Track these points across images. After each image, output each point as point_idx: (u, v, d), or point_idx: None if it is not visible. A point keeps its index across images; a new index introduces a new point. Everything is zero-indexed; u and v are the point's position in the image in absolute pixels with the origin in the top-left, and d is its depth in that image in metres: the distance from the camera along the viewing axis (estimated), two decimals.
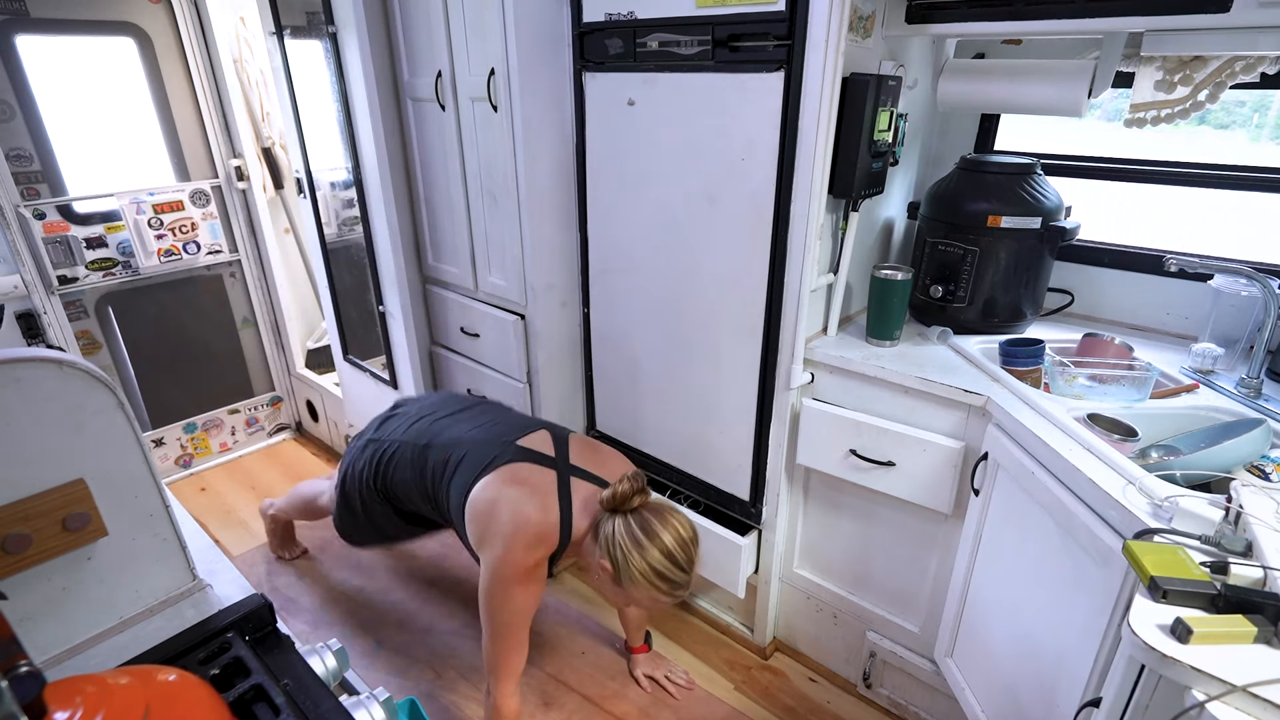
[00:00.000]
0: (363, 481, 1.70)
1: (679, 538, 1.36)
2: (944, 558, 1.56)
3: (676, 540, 1.35)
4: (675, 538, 1.35)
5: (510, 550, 1.41)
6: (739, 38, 1.41)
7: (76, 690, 0.60)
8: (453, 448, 1.56)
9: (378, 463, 1.67)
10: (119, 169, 2.45)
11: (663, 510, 1.38)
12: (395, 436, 1.67)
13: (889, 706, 1.82)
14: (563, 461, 1.50)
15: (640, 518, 1.36)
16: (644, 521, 1.35)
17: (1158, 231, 1.75)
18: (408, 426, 1.68)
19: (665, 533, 1.34)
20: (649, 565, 1.33)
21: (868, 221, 1.70)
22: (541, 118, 1.73)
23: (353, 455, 1.76)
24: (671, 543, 1.34)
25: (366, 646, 2.01)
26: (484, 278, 2.01)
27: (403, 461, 1.63)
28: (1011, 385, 1.38)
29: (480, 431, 1.58)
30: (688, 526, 1.39)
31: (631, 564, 1.33)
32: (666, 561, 1.33)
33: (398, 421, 1.73)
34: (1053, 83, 1.47)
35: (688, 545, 1.37)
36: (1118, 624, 1.02)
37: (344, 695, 0.84)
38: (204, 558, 1.09)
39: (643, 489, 1.39)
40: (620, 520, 1.36)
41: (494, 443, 1.53)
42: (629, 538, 1.34)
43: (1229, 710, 0.69)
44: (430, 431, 1.63)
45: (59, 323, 2.36)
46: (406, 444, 1.64)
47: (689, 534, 1.38)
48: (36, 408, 0.84)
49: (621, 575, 1.35)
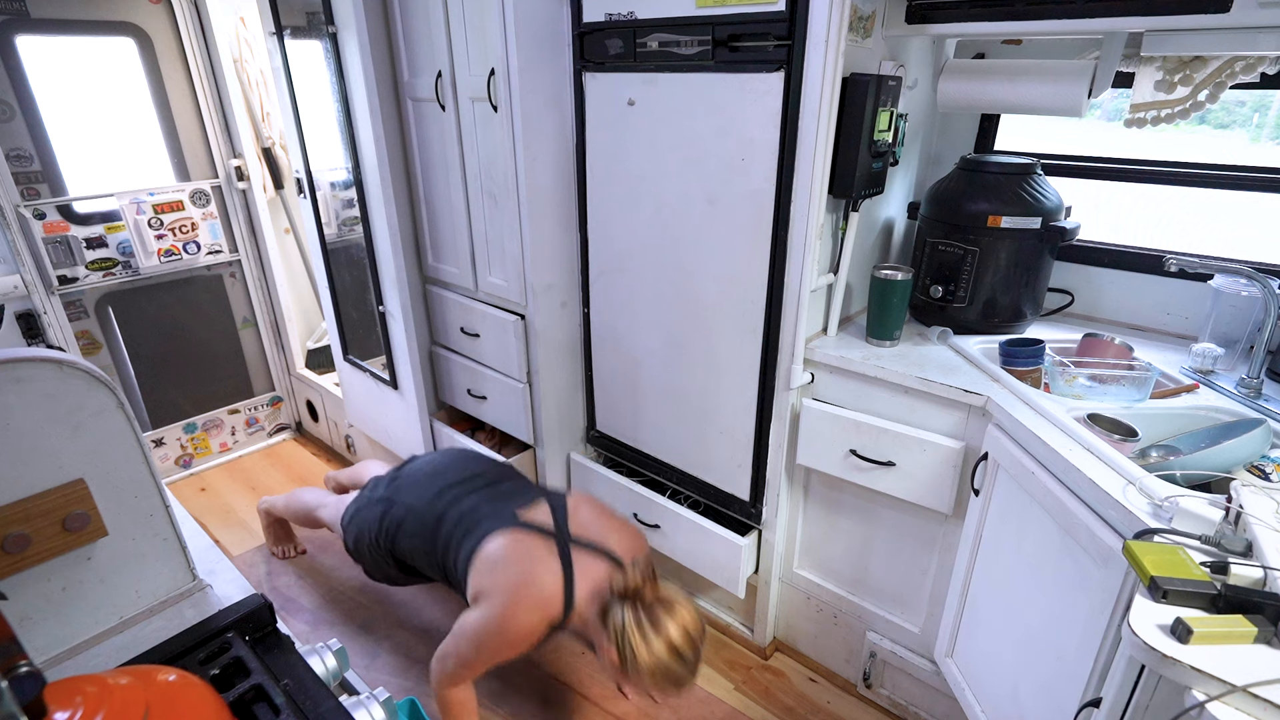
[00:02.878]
0: (371, 539, 1.74)
1: (686, 635, 1.34)
2: (944, 558, 1.56)
3: (683, 637, 1.34)
4: (682, 635, 1.34)
5: (512, 608, 1.41)
6: (739, 38, 1.41)
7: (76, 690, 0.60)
8: (462, 520, 1.60)
9: (388, 526, 1.70)
10: (119, 169, 2.45)
11: (671, 603, 1.37)
12: (407, 501, 1.70)
13: (889, 707, 1.82)
14: (562, 532, 1.52)
15: (650, 612, 1.34)
16: (653, 616, 1.34)
17: (1158, 231, 1.75)
18: (419, 492, 1.71)
19: (673, 628, 1.33)
20: (656, 662, 1.32)
21: (868, 221, 1.70)
22: (541, 118, 1.73)
23: (364, 510, 1.78)
24: (679, 639, 1.33)
25: (366, 646, 2.01)
26: (484, 278, 2.01)
27: (414, 531, 1.66)
28: (1011, 385, 1.38)
29: (487, 505, 1.62)
30: (695, 622, 1.38)
31: (639, 658, 1.32)
32: (673, 660, 1.32)
33: (409, 484, 1.75)
34: (1053, 83, 1.47)
35: (695, 642, 1.36)
36: (1118, 624, 1.02)
37: (344, 695, 0.84)
38: (204, 558, 1.09)
39: (653, 577, 1.38)
40: (629, 611, 1.35)
41: (499, 514, 1.57)
42: (637, 631, 1.33)
43: (1229, 710, 0.69)
44: (441, 503, 1.66)
45: (59, 323, 2.36)
46: (417, 513, 1.67)
47: (696, 630, 1.37)
48: (36, 408, 0.84)
49: (627, 667, 1.34)
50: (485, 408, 2.20)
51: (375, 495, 1.79)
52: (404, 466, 1.85)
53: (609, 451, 2.13)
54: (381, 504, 1.74)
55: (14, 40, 2.16)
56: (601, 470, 2.09)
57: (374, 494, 1.80)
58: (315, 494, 2.13)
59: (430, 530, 1.63)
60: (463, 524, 1.60)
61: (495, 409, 2.16)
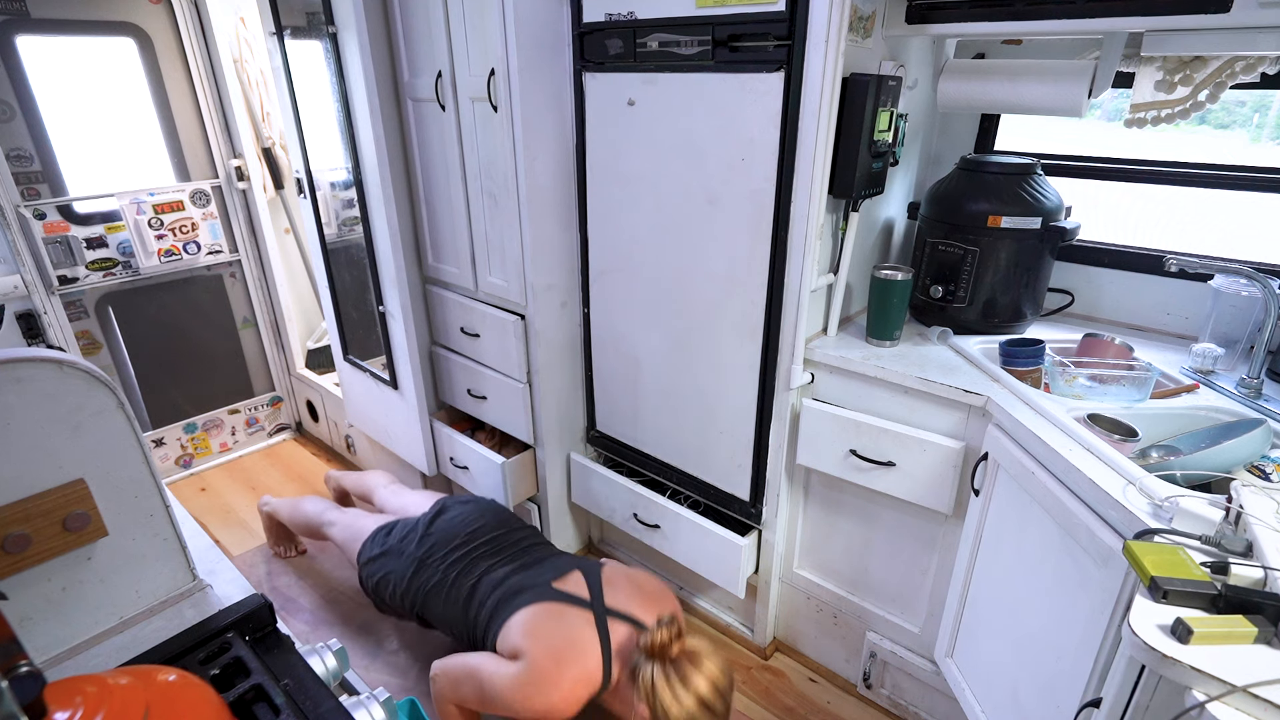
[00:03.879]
0: (397, 599, 1.75)
1: (714, 688, 1.34)
2: (944, 558, 1.56)
3: (712, 691, 1.34)
4: (710, 688, 1.33)
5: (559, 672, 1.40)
6: (739, 38, 1.41)
7: (76, 690, 0.60)
8: (496, 590, 1.60)
9: (416, 589, 1.70)
10: (119, 169, 2.45)
11: (699, 657, 1.36)
12: (440, 569, 1.69)
13: (889, 707, 1.82)
14: (598, 602, 1.52)
15: (679, 668, 1.34)
16: (682, 673, 1.33)
17: (1158, 231, 1.75)
18: (451, 559, 1.70)
19: (702, 682, 1.33)
20: (687, 717, 1.32)
21: (868, 221, 1.70)
22: (541, 118, 1.73)
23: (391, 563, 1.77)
24: (709, 693, 1.33)
25: (367, 646, 2.01)
26: (484, 278, 2.01)
27: (445, 599, 1.66)
28: (1012, 385, 1.38)
29: (520, 576, 1.62)
30: (724, 675, 1.37)
31: (670, 714, 1.31)
32: (702, 714, 1.32)
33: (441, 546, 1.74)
34: (1053, 83, 1.47)
35: (725, 694, 1.36)
36: (1118, 624, 1.02)
37: (344, 695, 0.84)
38: (204, 558, 1.09)
39: (680, 634, 1.38)
40: (658, 668, 1.34)
41: (534, 585, 1.58)
42: (667, 688, 1.32)
43: (1229, 710, 0.69)
44: (475, 574, 1.66)
45: (59, 323, 2.36)
46: (450, 584, 1.67)
47: (725, 683, 1.37)
48: (36, 408, 0.84)
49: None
50: (485, 408, 2.20)
51: (405, 549, 1.76)
52: (435, 519, 1.82)
53: (609, 451, 2.13)
54: (412, 563, 1.73)
55: (14, 40, 2.16)
56: (601, 470, 2.09)
57: (403, 547, 1.77)
58: (319, 506, 2.12)
59: (463, 600, 1.63)
60: (496, 594, 1.59)
61: (495, 409, 2.16)
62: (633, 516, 2.02)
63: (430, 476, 2.43)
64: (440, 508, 1.87)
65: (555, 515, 2.25)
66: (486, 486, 2.18)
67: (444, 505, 1.88)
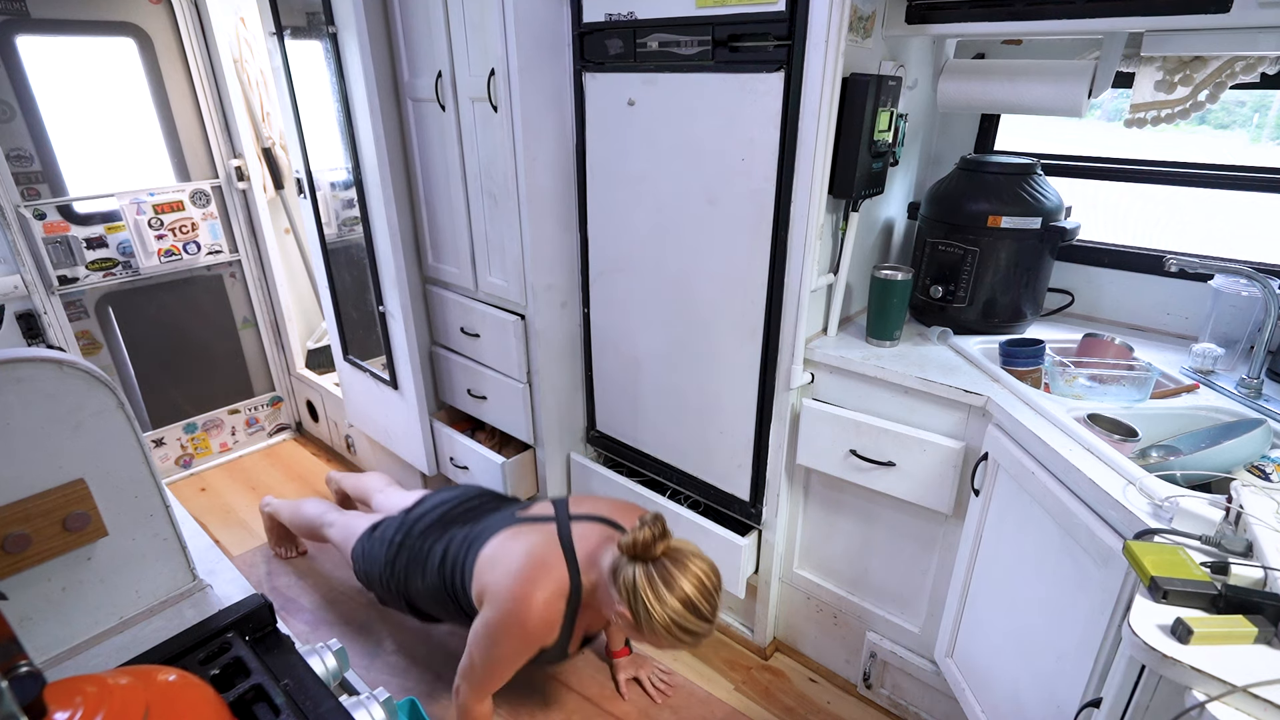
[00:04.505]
0: (382, 583, 1.76)
1: (700, 587, 1.30)
2: (944, 558, 1.56)
3: (698, 590, 1.29)
4: (697, 587, 1.29)
5: (521, 585, 1.40)
6: (739, 38, 1.41)
7: (76, 690, 0.60)
8: (464, 540, 1.62)
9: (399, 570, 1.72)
10: (119, 169, 2.45)
11: (684, 556, 1.32)
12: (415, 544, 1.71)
13: (889, 707, 1.82)
14: (562, 514, 1.53)
15: (661, 567, 1.30)
16: (665, 572, 1.29)
17: (1158, 231, 1.75)
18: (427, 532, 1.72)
19: (687, 582, 1.29)
20: (670, 618, 1.28)
21: (868, 221, 1.70)
22: (541, 118, 1.73)
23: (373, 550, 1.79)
24: (693, 593, 1.29)
25: (367, 647, 2.01)
26: (484, 278, 2.01)
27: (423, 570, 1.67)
28: (1012, 385, 1.38)
29: (487, 520, 1.64)
30: (710, 573, 1.33)
31: (653, 615, 1.28)
32: (688, 613, 1.29)
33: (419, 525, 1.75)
34: (1053, 83, 1.47)
35: (711, 594, 1.32)
36: (1118, 624, 1.02)
37: (344, 695, 0.84)
38: (204, 558, 1.09)
39: (664, 533, 1.33)
40: (640, 568, 1.31)
41: (499, 521, 1.60)
42: (649, 589, 1.28)
43: (1229, 711, 0.69)
44: (446, 535, 1.68)
45: (59, 323, 2.36)
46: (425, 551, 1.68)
47: (712, 581, 1.33)
48: (36, 408, 0.84)
49: (641, 625, 1.30)
50: (485, 408, 2.20)
51: (385, 536, 1.78)
52: (414, 508, 1.83)
53: (609, 452, 2.13)
54: (391, 547, 1.74)
55: (14, 40, 2.16)
56: (601, 470, 2.09)
57: (384, 534, 1.79)
58: (319, 508, 2.12)
59: (437, 565, 1.64)
60: (464, 543, 1.61)
61: (495, 409, 2.16)
62: None
63: (430, 476, 2.43)
64: (422, 497, 1.89)
65: None
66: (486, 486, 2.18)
67: (426, 495, 1.90)
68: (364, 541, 1.85)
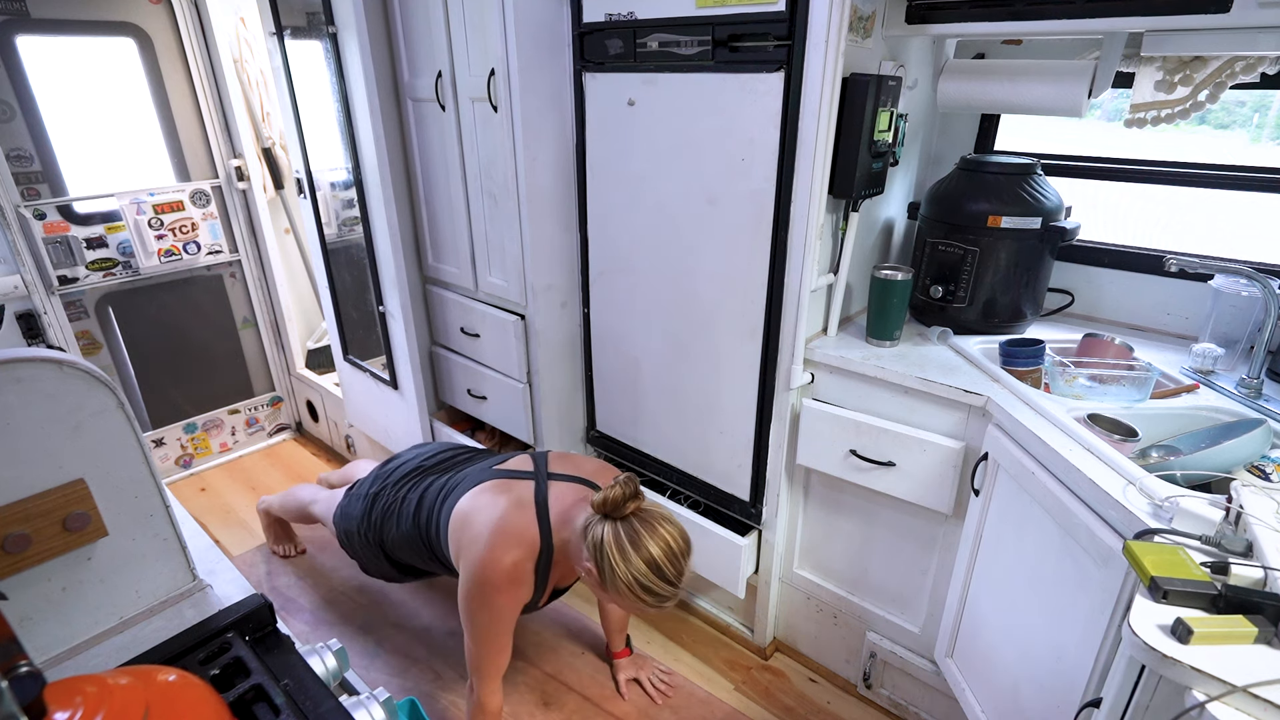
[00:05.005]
0: (360, 534, 1.76)
1: (667, 549, 1.29)
2: (944, 558, 1.56)
3: (664, 552, 1.29)
4: (663, 549, 1.29)
5: (489, 550, 1.41)
6: (739, 38, 1.41)
7: (76, 690, 0.60)
8: (441, 490, 1.62)
9: (374, 519, 1.72)
10: (119, 169, 2.45)
11: (654, 519, 1.32)
12: (390, 493, 1.72)
13: (889, 707, 1.82)
14: (540, 470, 1.53)
15: (630, 526, 1.30)
16: (632, 531, 1.29)
17: (1158, 231, 1.75)
18: (402, 481, 1.73)
19: (654, 544, 1.28)
20: (633, 576, 1.27)
21: (868, 221, 1.70)
22: (541, 118, 1.73)
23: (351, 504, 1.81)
24: (659, 554, 1.28)
25: (366, 647, 2.01)
26: (484, 278, 2.01)
27: (398, 517, 1.67)
28: (1012, 385, 1.38)
29: (464, 471, 1.64)
30: (679, 537, 1.32)
31: (616, 573, 1.28)
32: (651, 574, 1.28)
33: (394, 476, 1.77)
34: (1053, 83, 1.47)
35: (677, 558, 1.31)
36: (1118, 624, 1.02)
37: (344, 695, 0.84)
38: (204, 558, 1.09)
39: (635, 493, 1.33)
40: (609, 526, 1.30)
41: (475, 473, 1.60)
42: (615, 546, 1.28)
43: (1229, 711, 0.69)
44: (423, 484, 1.68)
45: (59, 323, 2.36)
46: (400, 500, 1.68)
47: (680, 546, 1.32)
48: (36, 408, 0.84)
49: (605, 582, 1.30)
50: (485, 408, 2.20)
51: (361, 490, 1.80)
52: (389, 461, 1.86)
53: (609, 451, 2.13)
54: (367, 500, 1.75)
55: (14, 40, 2.16)
56: None
57: (360, 489, 1.81)
58: (309, 490, 2.15)
59: (412, 512, 1.63)
60: (440, 493, 1.60)
61: (495, 409, 2.16)
62: None
63: None
64: (399, 453, 1.90)
65: None
66: None
67: (403, 451, 1.91)
68: (342, 502, 1.86)
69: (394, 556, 1.74)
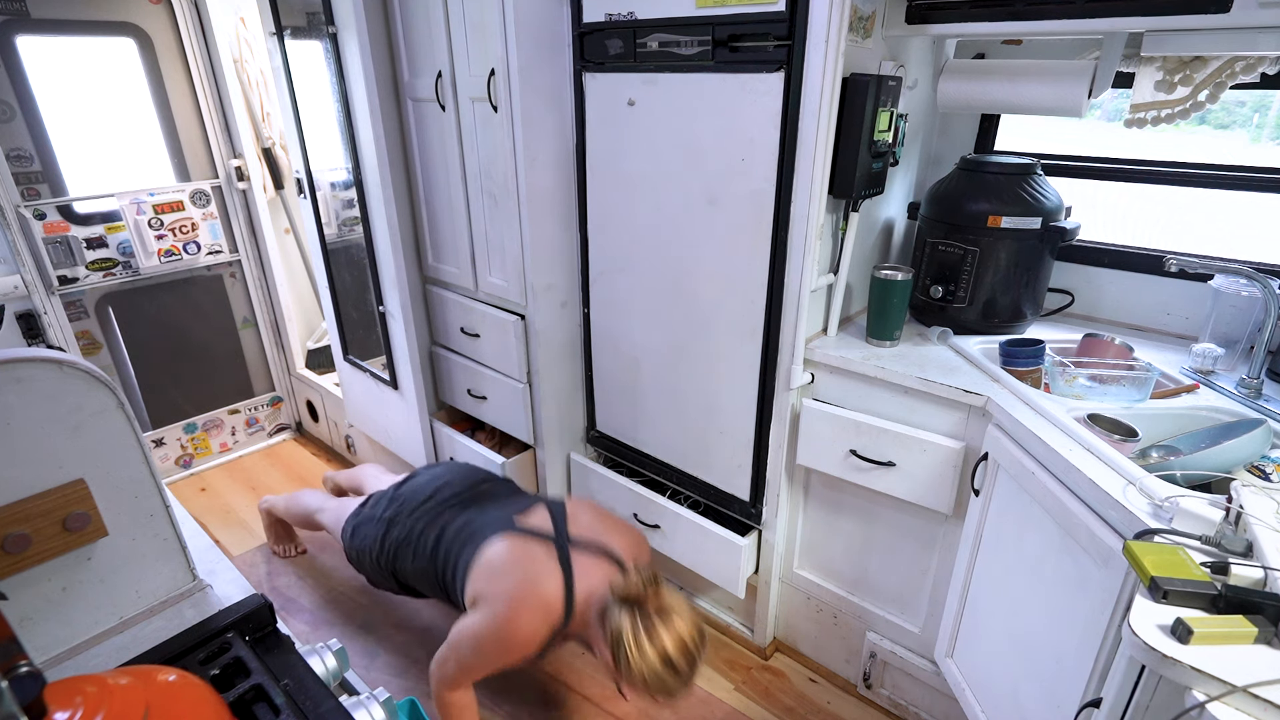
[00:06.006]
0: (372, 559, 1.76)
1: (682, 647, 1.31)
2: (944, 558, 1.56)
3: (679, 649, 1.31)
4: (679, 647, 1.31)
5: (511, 612, 1.41)
6: (739, 38, 1.41)
7: (76, 690, 0.60)
8: (460, 533, 1.61)
9: (388, 547, 1.72)
10: (119, 169, 2.45)
11: (671, 613, 1.34)
12: (406, 523, 1.71)
13: (889, 707, 1.82)
14: (560, 535, 1.53)
15: (649, 620, 1.32)
16: (650, 625, 1.31)
17: (1158, 231, 1.75)
18: (418, 513, 1.72)
19: (670, 640, 1.31)
20: (648, 671, 1.30)
21: (868, 222, 1.70)
22: (541, 118, 1.73)
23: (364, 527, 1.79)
24: (674, 651, 1.30)
25: (367, 647, 2.01)
26: (484, 278, 2.01)
27: (414, 552, 1.67)
28: (1012, 385, 1.38)
29: (482, 516, 1.64)
30: (693, 634, 1.34)
31: (633, 665, 1.30)
32: (666, 671, 1.30)
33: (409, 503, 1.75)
34: (1053, 83, 1.47)
35: (691, 654, 1.33)
36: (1118, 624, 1.02)
37: (344, 695, 0.84)
38: (204, 558, 1.09)
39: (655, 583, 1.36)
40: (628, 615, 1.33)
41: (496, 521, 1.59)
42: (633, 639, 1.31)
43: (1229, 711, 0.69)
44: (440, 522, 1.67)
45: (59, 323, 2.36)
46: (417, 535, 1.68)
47: (694, 642, 1.34)
48: (36, 408, 0.84)
49: (621, 671, 1.33)
50: (485, 408, 2.20)
51: (376, 514, 1.79)
52: (404, 483, 1.84)
53: (609, 452, 2.13)
54: (382, 524, 1.74)
55: (14, 40, 2.16)
56: (601, 470, 2.09)
57: (375, 512, 1.80)
58: (315, 497, 2.14)
59: (430, 550, 1.64)
60: (460, 536, 1.60)
61: (495, 409, 2.16)
62: (633, 517, 2.02)
63: None
64: (411, 474, 1.89)
65: None
66: None
67: (415, 472, 1.90)
68: (353, 518, 1.85)
69: (404, 582, 1.75)
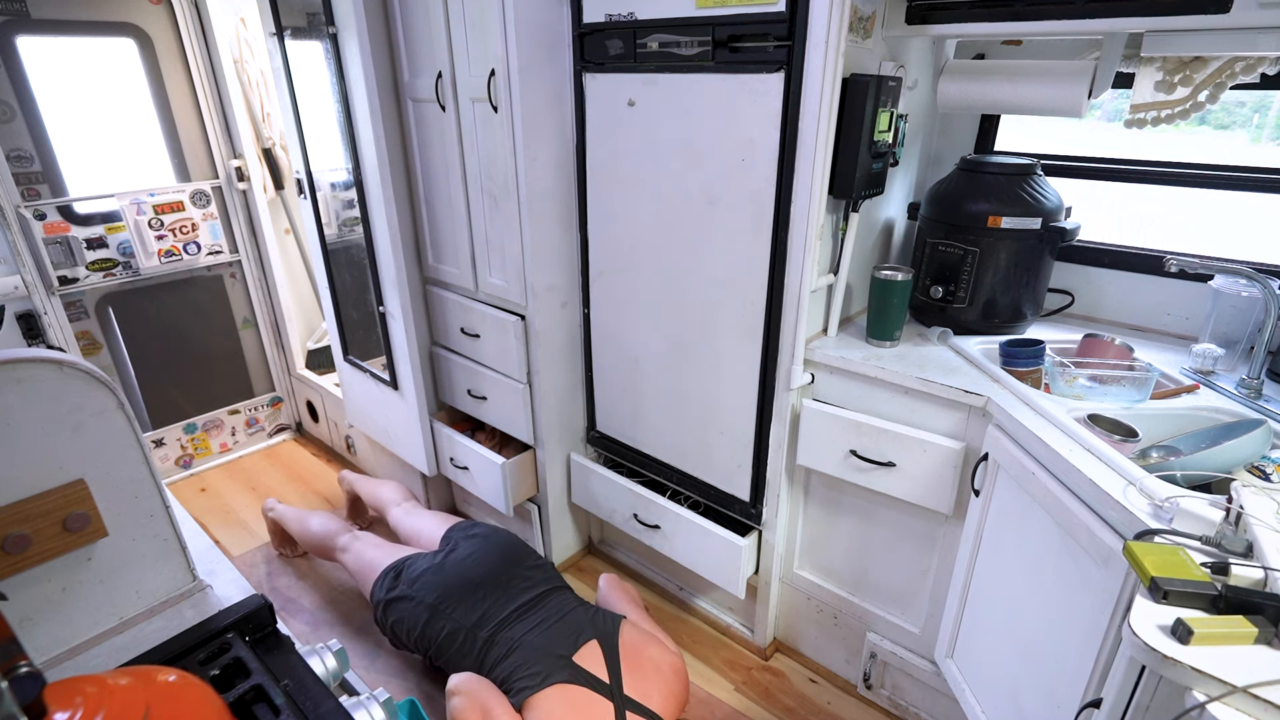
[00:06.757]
0: (410, 642, 1.76)
1: None
2: (944, 558, 1.56)
3: None
4: None
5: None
6: (739, 38, 1.41)
7: (76, 691, 0.60)
8: (511, 653, 1.60)
9: (430, 636, 1.71)
10: (119, 169, 2.45)
11: None
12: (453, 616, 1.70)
13: (889, 707, 1.82)
14: (618, 689, 1.53)
15: None
16: None
17: (1158, 231, 1.75)
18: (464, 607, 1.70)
19: None
20: None
21: (868, 222, 1.70)
22: (541, 118, 1.73)
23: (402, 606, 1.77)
24: None
25: (367, 647, 2.01)
26: (484, 278, 2.01)
27: (458, 650, 1.66)
28: (1012, 386, 1.38)
29: (536, 636, 1.63)
30: None
31: None
32: None
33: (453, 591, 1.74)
34: (1053, 83, 1.47)
35: None
36: (1118, 625, 1.02)
37: (344, 696, 0.84)
38: (204, 558, 1.09)
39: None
40: None
41: (550, 655, 1.58)
42: None
43: (1230, 711, 0.69)
44: (488, 628, 1.66)
45: (59, 323, 2.36)
46: (463, 633, 1.67)
47: None
48: (36, 408, 0.84)
49: None
50: (485, 408, 2.20)
51: (416, 594, 1.76)
52: (444, 563, 1.81)
53: (609, 452, 2.13)
54: (424, 610, 1.72)
55: (14, 40, 2.16)
56: (601, 471, 2.09)
57: (413, 591, 1.77)
58: (328, 526, 2.11)
59: (477, 655, 1.64)
60: (513, 657, 1.59)
61: (495, 409, 2.16)
62: (633, 517, 2.02)
63: (430, 477, 2.43)
64: (451, 546, 1.87)
65: (555, 516, 2.25)
66: (486, 487, 2.18)
67: (454, 542, 1.88)
68: (387, 587, 1.81)
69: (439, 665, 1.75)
